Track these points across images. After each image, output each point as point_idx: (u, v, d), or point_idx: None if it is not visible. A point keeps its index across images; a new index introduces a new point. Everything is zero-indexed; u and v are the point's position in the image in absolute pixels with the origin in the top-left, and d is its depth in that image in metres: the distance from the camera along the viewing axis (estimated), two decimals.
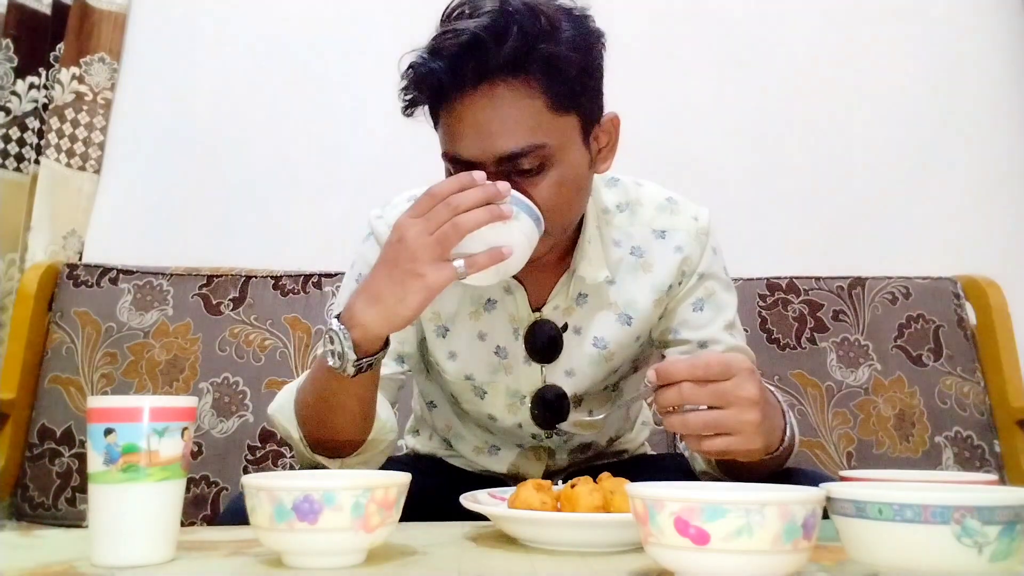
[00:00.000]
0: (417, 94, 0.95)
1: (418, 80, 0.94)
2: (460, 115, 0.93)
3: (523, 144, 0.92)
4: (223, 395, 1.73)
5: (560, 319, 1.10)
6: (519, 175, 0.94)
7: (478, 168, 0.93)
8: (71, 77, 1.93)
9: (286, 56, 2.02)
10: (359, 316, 0.89)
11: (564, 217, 0.99)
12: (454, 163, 0.96)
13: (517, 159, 0.93)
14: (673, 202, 1.13)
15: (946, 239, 2.02)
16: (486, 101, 0.92)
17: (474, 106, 0.92)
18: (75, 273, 1.80)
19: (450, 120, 0.94)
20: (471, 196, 0.86)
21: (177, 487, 0.73)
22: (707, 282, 1.11)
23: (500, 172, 0.93)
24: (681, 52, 2.03)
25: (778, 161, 2.04)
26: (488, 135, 0.92)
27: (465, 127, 0.93)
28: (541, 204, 0.94)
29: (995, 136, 2.06)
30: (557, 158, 0.94)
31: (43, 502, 1.66)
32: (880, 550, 0.60)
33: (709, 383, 0.80)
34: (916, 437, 1.76)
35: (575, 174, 0.98)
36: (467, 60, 0.90)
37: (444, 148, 0.97)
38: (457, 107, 0.93)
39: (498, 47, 0.89)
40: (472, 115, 0.92)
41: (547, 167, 0.94)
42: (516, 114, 0.92)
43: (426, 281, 0.86)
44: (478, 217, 0.86)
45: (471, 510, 0.86)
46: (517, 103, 0.92)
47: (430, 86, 0.93)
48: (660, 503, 0.60)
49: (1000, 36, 2.08)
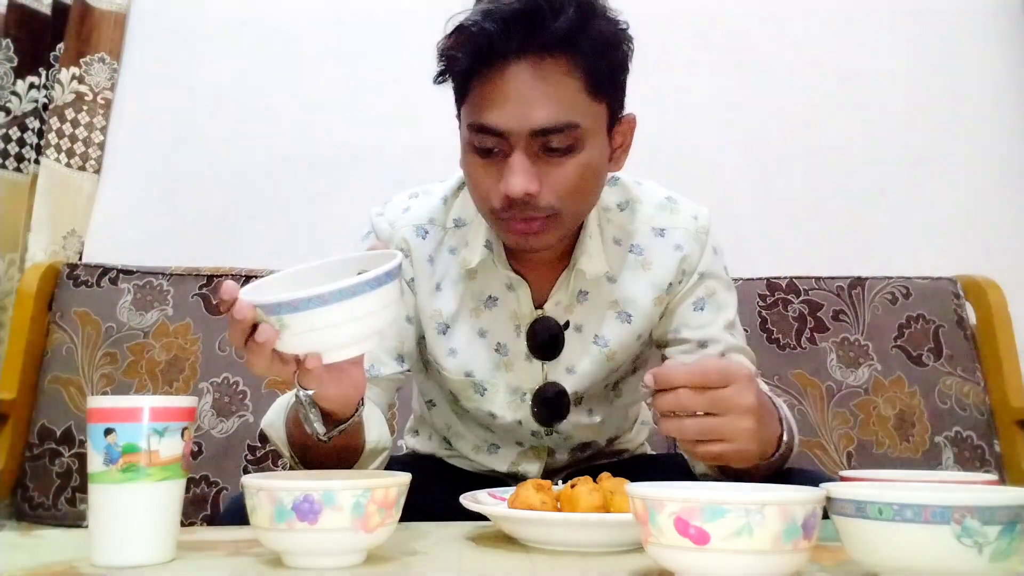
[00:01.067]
0: (461, 55, 0.93)
1: (466, 40, 0.92)
2: (500, 84, 0.92)
3: (561, 120, 0.92)
4: (223, 395, 1.73)
5: (562, 316, 1.10)
6: (548, 153, 0.94)
7: (508, 141, 0.92)
8: (71, 77, 1.93)
9: (286, 56, 2.02)
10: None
11: (580, 204, 1.00)
12: (482, 134, 0.94)
13: (550, 135, 0.92)
14: (673, 201, 1.14)
15: (946, 239, 2.02)
16: (530, 72, 0.91)
17: (517, 76, 0.91)
18: (75, 273, 1.80)
19: (487, 88, 0.93)
20: (233, 323, 0.74)
21: (177, 487, 0.73)
22: (707, 281, 1.11)
23: (529, 148, 0.93)
24: (681, 52, 2.03)
25: (778, 161, 2.04)
26: (527, 106, 0.91)
27: (505, 96, 0.92)
28: (565, 187, 0.95)
29: (995, 136, 2.06)
30: (586, 142, 0.95)
31: (43, 502, 1.66)
32: (880, 550, 0.60)
33: (707, 390, 0.80)
34: (916, 437, 1.76)
35: (598, 163, 0.98)
36: (521, 27, 0.90)
37: (472, 119, 0.95)
38: (498, 75, 0.92)
39: (554, 20, 0.89)
40: (515, 85, 0.91)
41: (576, 149, 0.94)
42: (556, 90, 0.92)
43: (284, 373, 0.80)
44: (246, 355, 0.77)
45: (471, 510, 0.86)
46: (559, 79, 0.92)
47: (477, 48, 0.91)
48: (660, 503, 0.60)
49: (1000, 36, 2.08)
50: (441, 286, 1.11)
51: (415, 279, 1.12)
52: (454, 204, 1.13)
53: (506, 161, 0.94)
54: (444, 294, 1.11)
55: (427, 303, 1.11)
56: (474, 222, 1.10)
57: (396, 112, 2.00)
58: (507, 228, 0.99)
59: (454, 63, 0.94)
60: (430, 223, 1.12)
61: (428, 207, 1.13)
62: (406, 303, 1.12)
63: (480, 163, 0.97)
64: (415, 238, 1.12)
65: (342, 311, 0.71)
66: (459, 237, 1.11)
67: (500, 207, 0.96)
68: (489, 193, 0.97)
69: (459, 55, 0.92)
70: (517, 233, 0.98)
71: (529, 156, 0.93)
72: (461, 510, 0.88)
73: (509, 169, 0.93)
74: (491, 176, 0.96)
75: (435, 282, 1.12)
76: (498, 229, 1.02)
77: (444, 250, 1.12)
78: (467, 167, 1.00)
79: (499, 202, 0.96)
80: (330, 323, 0.72)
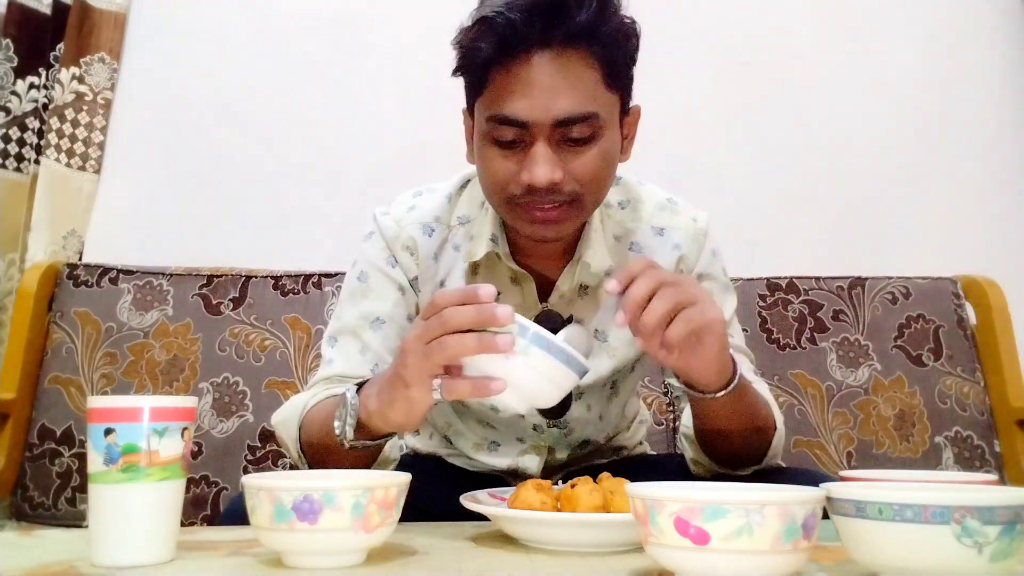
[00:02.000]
0: (484, 45, 0.93)
1: (489, 30, 0.92)
2: (523, 75, 0.92)
3: (582, 110, 0.93)
4: (223, 395, 1.73)
5: (564, 310, 1.11)
6: (569, 143, 0.95)
7: (529, 131, 0.93)
8: (71, 77, 1.93)
9: (286, 56, 2.02)
10: (367, 400, 0.87)
11: (599, 193, 1.01)
12: (504, 125, 0.95)
13: (572, 124, 0.93)
14: (673, 203, 1.15)
15: (946, 239, 2.02)
16: (553, 63, 0.92)
17: (541, 67, 0.92)
18: (75, 273, 1.80)
19: (509, 80, 0.93)
20: (463, 315, 0.76)
21: (177, 487, 0.73)
22: (705, 283, 1.13)
23: (551, 138, 0.93)
24: (681, 52, 2.03)
25: (778, 161, 2.04)
26: (550, 96, 0.92)
27: (528, 87, 0.92)
28: (586, 174, 0.96)
29: (995, 136, 2.06)
30: (604, 131, 0.96)
31: (43, 502, 1.66)
32: (880, 550, 0.60)
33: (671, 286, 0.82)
34: (916, 437, 1.76)
35: (613, 152, 1.00)
36: (544, 18, 0.90)
37: (494, 110, 0.95)
38: (521, 66, 0.92)
39: (577, 11, 0.91)
40: (538, 76, 0.92)
41: (595, 138, 0.95)
42: (578, 81, 0.93)
43: (409, 394, 0.81)
44: (463, 344, 0.76)
45: (471, 510, 0.86)
46: (580, 70, 0.93)
47: (500, 38, 0.92)
48: (660, 503, 0.60)
49: (1000, 36, 2.08)
50: (446, 283, 1.12)
51: (419, 277, 1.12)
52: (458, 202, 1.14)
53: (526, 151, 0.95)
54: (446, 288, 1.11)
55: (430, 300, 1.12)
56: (478, 217, 1.11)
57: (397, 112, 2.00)
58: (525, 216, 0.99)
59: (476, 53, 0.94)
60: (435, 221, 1.13)
61: (433, 205, 1.14)
62: (408, 303, 1.12)
63: (499, 154, 0.97)
64: (421, 236, 1.12)
65: (559, 373, 0.77)
66: (463, 233, 1.12)
67: (520, 193, 0.96)
68: (508, 182, 0.97)
69: (482, 45, 0.93)
70: (535, 221, 0.98)
71: (551, 146, 0.94)
72: (461, 510, 0.88)
73: (532, 159, 0.94)
74: (510, 165, 0.96)
75: (439, 279, 1.12)
76: (514, 217, 1.01)
77: (449, 247, 1.12)
78: (483, 159, 1.00)
79: (519, 189, 0.96)
80: (545, 373, 0.77)
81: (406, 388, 0.81)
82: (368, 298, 1.11)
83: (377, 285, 1.11)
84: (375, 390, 0.87)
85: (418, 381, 0.80)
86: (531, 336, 0.76)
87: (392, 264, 1.11)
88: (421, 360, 0.79)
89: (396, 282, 1.11)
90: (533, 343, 0.75)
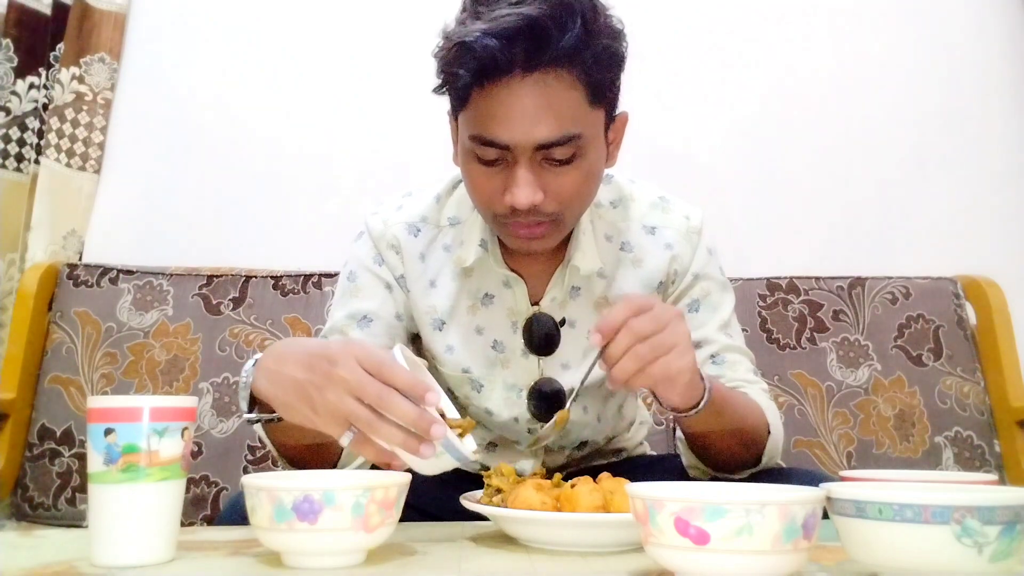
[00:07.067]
0: (462, 71, 0.91)
1: (467, 57, 0.90)
2: (504, 99, 0.91)
3: (564, 133, 0.92)
4: (223, 395, 1.73)
5: (556, 312, 1.11)
6: (550, 163, 0.94)
7: (511, 152, 0.92)
8: (71, 77, 1.93)
9: (286, 56, 2.02)
10: (258, 383, 0.82)
11: (581, 208, 1.01)
12: (485, 146, 0.94)
13: (553, 147, 0.93)
14: (665, 201, 1.15)
15: (946, 239, 2.02)
16: (535, 88, 0.90)
17: (522, 91, 0.90)
18: (75, 273, 1.80)
19: (490, 103, 0.92)
20: (404, 413, 0.74)
21: (177, 487, 0.73)
22: (702, 283, 1.12)
23: (533, 159, 0.93)
24: (681, 52, 2.03)
25: (778, 161, 2.04)
26: (532, 121, 0.91)
27: (509, 111, 0.91)
28: (567, 194, 0.95)
29: (995, 136, 2.06)
30: (586, 150, 0.95)
31: (43, 502, 1.66)
32: (880, 550, 0.60)
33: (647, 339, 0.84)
34: (916, 437, 1.76)
35: (597, 167, 0.99)
36: (525, 44, 0.88)
37: (475, 131, 0.94)
38: (502, 90, 0.91)
39: (559, 35, 0.88)
40: (519, 100, 0.91)
41: (577, 157, 0.95)
42: (560, 104, 0.91)
43: (315, 420, 0.77)
44: (392, 435, 0.75)
45: (471, 510, 0.86)
46: (563, 93, 0.91)
47: (480, 65, 0.90)
48: (660, 503, 0.60)
49: (1000, 36, 2.08)
50: (435, 283, 1.12)
51: (406, 276, 1.12)
52: (447, 202, 1.14)
53: (509, 170, 0.95)
54: (439, 291, 1.12)
55: (421, 300, 1.12)
56: (468, 220, 1.11)
57: (395, 112, 1.99)
58: (510, 231, 1.00)
59: (455, 79, 0.92)
60: (422, 221, 1.13)
61: (421, 205, 1.15)
62: (396, 300, 1.12)
63: (483, 172, 0.97)
64: (406, 235, 1.13)
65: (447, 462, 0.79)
66: (454, 235, 1.12)
67: (504, 212, 0.97)
68: (492, 200, 0.97)
69: (460, 72, 0.91)
70: (520, 238, 1.00)
71: (532, 168, 0.94)
72: (461, 510, 0.88)
73: (514, 182, 0.94)
74: (494, 183, 0.96)
75: (428, 279, 1.12)
76: (500, 231, 1.03)
77: (438, 247, 1.12)
78: (467, 173, 1.00)
79: (503, 208, 0.96)
80: (439, 464, 0.79)
81: (313, 414, 0.77)
82: (357, 297, 1.12)
83: (365, 284, 1.12)
84: (269, 377, 0.81)
85: (331, 422, 0.76)
86: (447, 446, 0.77)
87: (379, 263, 1.12)
88: (344, 409, 0.75)
89: (383, 280, 1.12)
90: (445, 449, 0.77)
